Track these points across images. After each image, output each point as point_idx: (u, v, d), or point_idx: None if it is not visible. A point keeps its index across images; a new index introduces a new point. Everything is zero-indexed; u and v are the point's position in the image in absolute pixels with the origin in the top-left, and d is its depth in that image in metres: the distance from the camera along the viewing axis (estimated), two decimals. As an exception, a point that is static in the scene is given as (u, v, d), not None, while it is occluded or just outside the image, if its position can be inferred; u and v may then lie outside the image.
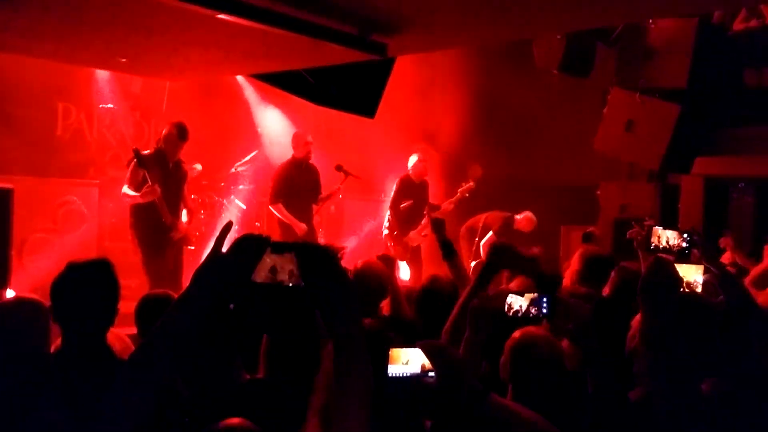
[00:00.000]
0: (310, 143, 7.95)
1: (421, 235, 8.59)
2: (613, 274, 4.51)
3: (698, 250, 2.71)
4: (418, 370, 2.16)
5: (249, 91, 10.12)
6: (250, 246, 1.60)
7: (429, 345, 2.18)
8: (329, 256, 1.63)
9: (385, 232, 8.70)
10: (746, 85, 8.12)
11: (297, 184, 7.85)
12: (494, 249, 3.33)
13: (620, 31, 8.04)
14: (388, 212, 8.70)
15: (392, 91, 6.07)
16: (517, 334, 2.55)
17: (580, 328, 2.54)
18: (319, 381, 2.21)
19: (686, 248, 2.59)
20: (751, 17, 8.01)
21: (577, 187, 9.66)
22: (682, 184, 8.74)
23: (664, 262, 2.32)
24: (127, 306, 3.09)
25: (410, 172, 8.65)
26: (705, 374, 2.30)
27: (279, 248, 1.61)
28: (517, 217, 9.04)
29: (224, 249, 1.64)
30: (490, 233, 8.78)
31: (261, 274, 1.60)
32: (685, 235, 2.60)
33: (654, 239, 2.63)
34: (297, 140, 7.99)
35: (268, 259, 1.61)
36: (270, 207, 7.93)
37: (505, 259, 3.30)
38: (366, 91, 5.65)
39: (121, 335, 3.81)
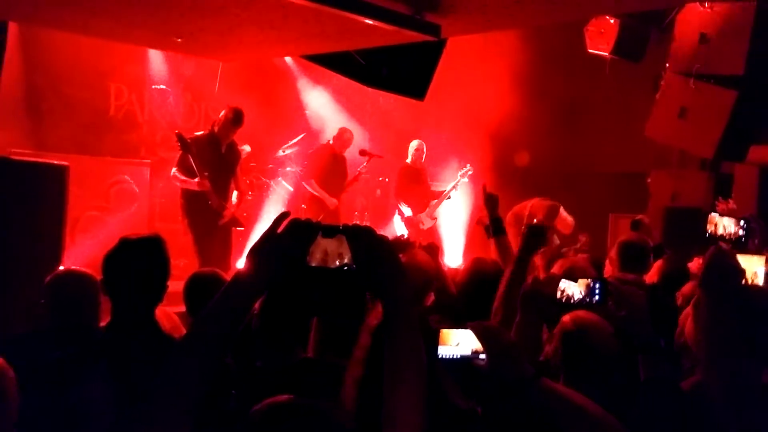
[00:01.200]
0: (350, 140, 8.63)
1: (432, 217, 9.02)
2: (661, 262, 4.46)
3: (757, 239, 2.64)
4: (468, 352, 2.14)
5: (298, 73, 10.17)
6: (302, 229, 1.61)
7: (480, 327, 2.14)
8: (379, 238, 1.63)
9: (397, 219, 9.09)
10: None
11: (328, 169, 8.43)
12: (529, 230, 3.32)
13: (674, 15, 7.85)
14: (398, 201, 9.02)
15: (441, 74, 6.04)
16: (567, 318, 2.51)
17: (634, 315, 2.49)
18: (356, 354, 2.23)
19: (743, 236, 2.50)
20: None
21: (627, 175, 9.50)
22: (736, 173, 8.52)
23: (725, 252, 2.25)
24: (175, 285, 3.11)
25: (409, 159, 8.99)
26: (765, 365, 2.24)
27: (330, 232, 1.62)
28: (563, 214, 8.95)
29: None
30: (535, 220, 8.71)
31: (315, 257, 1.61)
32: (743, 223, 2.51)
33: (710, 227, 2.54)
34: (340, 134, 8.65)
35: (320, 243, 1.62)
36: (303, 182, 8.57)
37: (540, 239, 3.30)
38: (416, 73, 5.62)
39: (170, 313, 3.87)
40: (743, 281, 2.31)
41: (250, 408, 1.87)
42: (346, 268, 1.62)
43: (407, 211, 8.90)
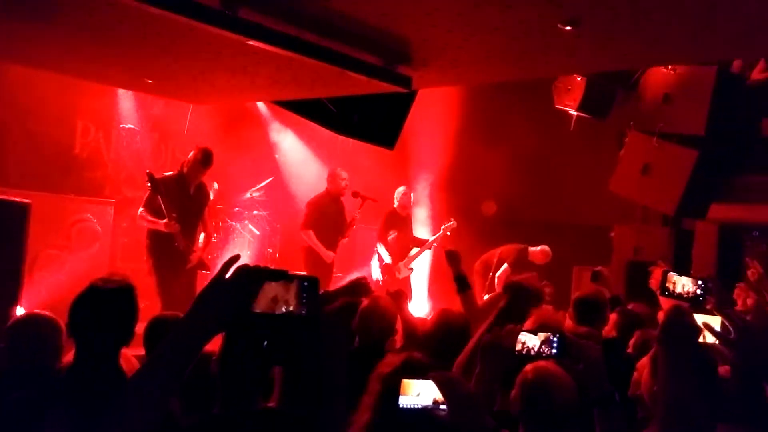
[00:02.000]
0: (345, 179, 8.41)
1: (408, 267, 8.94)
2: (614, 315, 4.53)
3: (713, 299, 2.70)
4: (429, 402, 2.14)
5: (268, 116, 10.21)
6: (249, 274, 1.64)
7: (441, 377, 2.16)
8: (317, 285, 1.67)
9: (375, 264, 8.98)
10: (763, 135, 8.13)
11: (327, 215, 8.27)
12: (512, 289, 3.34)
13: (639, 75, 8.07)
14: (379, 245, 8.94)
15: (411, 121, 6.11)
16: (529, 368, 2.54)
17: (590, 368, 2.52)
18: (365, 400, 2.23)
19: (701, 295, 2.56)
20: (770, 68, 8.04)
21: (592, 228, 9.63)
22: (697, 229, 8.70)
23: (683, 310, 2.30)
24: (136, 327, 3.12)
25: (396, 204, 8.96)
26: (719, 420, 2.27)
27: (277, 277, 1.64)
28: (532, 249, 9.04)
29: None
30: (505, 265, 8.78)
31: (261, 304, 1.63)
32: (700, 283, 2.57)
33: (669, 285, 2.60)
34: (333, 177, 8.47)
35: (267, 289, 1.63)
36: (301, 232, 8.31)
37: (523, 298, 3.32)
38: (387, 123, 5.68)
39: (129, 356, 3.80)
40: (699, 339, 2.35)
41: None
42: (289, 314, 1.63)
43: (386, 258, 8.85)
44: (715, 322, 2.42)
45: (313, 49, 4.45)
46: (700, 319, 2.41)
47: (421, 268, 9.88)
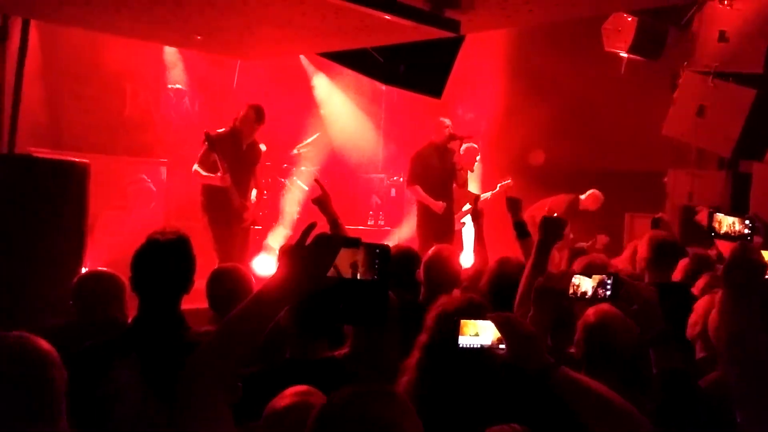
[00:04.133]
0: (448, 126, 7.84)
1: (460, 221, 8.62)
2: (686, 261, 4.43)
3: (760, 237, 2.64)
4: (489, 342, 2.16)
5: (313, 72, 10.20)
6: (328, 242, 1.72)
7: (500, 317, 2.17)
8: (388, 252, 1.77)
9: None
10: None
11: (433, 167, 7.80)
12: (546, 223, 3.33)
13: (693, 13, 7.80)
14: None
15: (455, 74, 6.03)
16: (590, 311, 2.55)
17: (645, 309, 2.53)
18: (419, 340, 2.39)
19: (748, 234, 2.51)
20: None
21: (644, 174, 9.44)
22: (754, 171, 8.45)
23: (748, 247, 2.26)
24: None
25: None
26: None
27: (352, 244, 1.76)
28: (582, 197, 8.92)
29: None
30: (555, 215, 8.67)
31: (341, 269, 1.74)
32: (747, 222, 2.51)
33: (716, 224, 2.55)
34: (437, 126, 7.88)
35: (342, 254, 1.74)
36: (407, 190, 8.10)
37: (558, 232, 3.31)
38: (433, 71, 5.62)
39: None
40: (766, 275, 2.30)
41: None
42: (369, 280, 1.76)
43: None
44: None
45: (359, -4, 4.39)
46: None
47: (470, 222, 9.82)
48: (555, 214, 8.43)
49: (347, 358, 2.76)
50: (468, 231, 9.58)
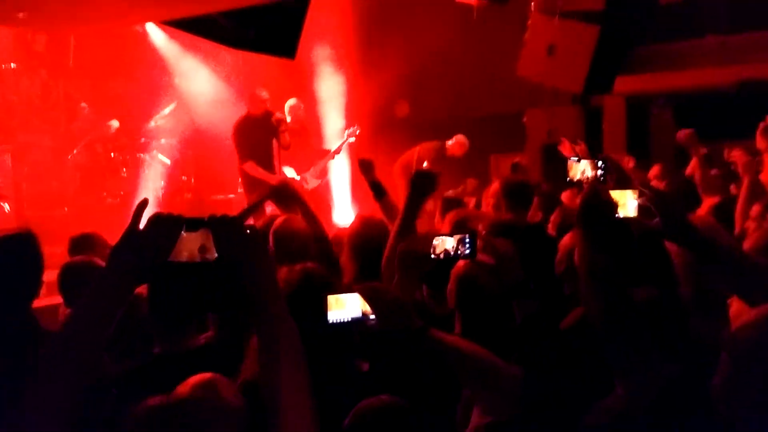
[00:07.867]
0: (266, 100, 7.64)
1: (317, 177, 8.47)
2: (536, 199, 4.64)
3: (613, 176, 2.72)
4: (359, 314, 2.16)
5: (162, 40, 9.69)
6: (165, 224, 1.60)
7: (366, 288, 2.17)
8: (242, 227, 1.64)
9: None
10: (661, 2, 8.23)
11: (257, 138, 7.57)
12: (418, 178, 3.28)
13: (536, -45, 7.97)
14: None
15: (308, 29, 5.88)
16: (461, 263, 2.58)
17: (502, 263, 2.61)
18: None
19: (602, 176, 2.60)
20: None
21: (504, 116, 9.70)
22: (605, 105, 8.86)
23: (599, 188, 2.33)
24: (51, 275, 3.09)
25: (288, 119, 8.08)
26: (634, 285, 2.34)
27: (193, 225, 1.62)
28: (449, 143, 9.06)
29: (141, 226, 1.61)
30: (425, 164, 8.79)
31: (180, 253, 1.60)
32: (599, 163, 2.60)
33: (571, 172, 2.62)
34: (252, 98, 7.69)
35: (185, 237, 1.61)
36: (242, 168, 7.63)
37: (432, 185, 3.29)
38: (284, 32, 5.46)
39: None
40: (616, 214, 2.38)
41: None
42: (204, 261, 1.61)
43: (290, 173, 8.66)
44: (633, 195, 2.45)
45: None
46: (618, 196, 2.44)
47: (342, 177, 9.81)
48: (425, 164, 8.48)
49: (211, 347, 2.67)
50: (338, 185, 9.61)
